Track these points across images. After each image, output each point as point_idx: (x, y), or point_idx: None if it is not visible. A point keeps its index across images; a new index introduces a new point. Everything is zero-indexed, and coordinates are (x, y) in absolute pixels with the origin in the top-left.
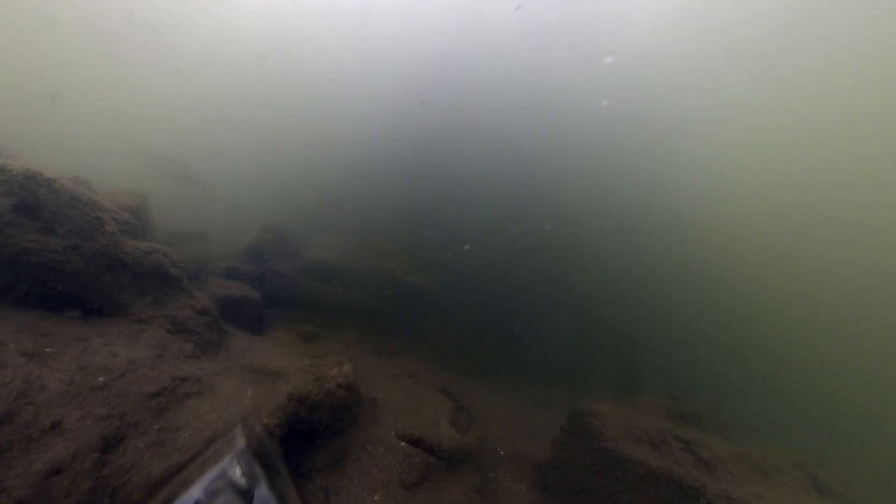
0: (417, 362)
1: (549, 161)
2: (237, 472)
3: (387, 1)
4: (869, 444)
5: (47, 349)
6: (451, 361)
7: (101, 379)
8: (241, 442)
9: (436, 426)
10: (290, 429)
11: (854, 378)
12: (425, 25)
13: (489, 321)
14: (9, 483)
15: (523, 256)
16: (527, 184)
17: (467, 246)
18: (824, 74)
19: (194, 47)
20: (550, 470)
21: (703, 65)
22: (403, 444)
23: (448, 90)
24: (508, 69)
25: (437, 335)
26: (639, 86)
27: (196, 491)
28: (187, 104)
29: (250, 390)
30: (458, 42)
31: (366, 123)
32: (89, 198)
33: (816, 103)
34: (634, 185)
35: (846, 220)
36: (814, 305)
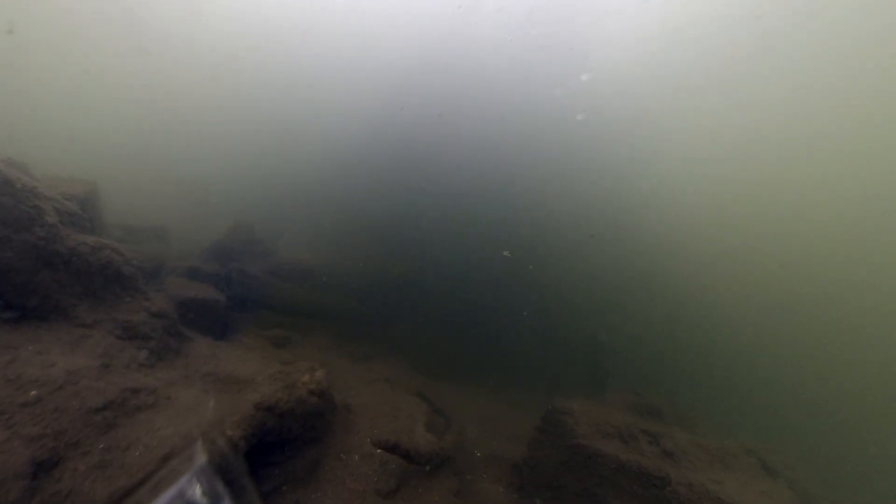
0: (393, 366)
1: (525, 169)
2: (197, 492)
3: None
4: (808, 429)
5: None
6: (427, 365)
7: (33, 393)
8: (201, 458)
9: (412, 431)
10: (258, 440)
11: (795, 372)
12: (414, 28)
13: (465, 324)
14: None
15: (498, 260)
16: (504, 190)
17: (507, 252)
18: (783, 100)
19: (164, 27)
20: (527, 469)
21: (671, 87)
22: (379, 451)
23: (431, 94)
24: (491, 78)
25: (412, 339)
26: (611, 103)
27: None
28: (148, 87)
29: (213, 400)
30: (444, 48)
31: (346, 122)
32: (26, 184)
33: (776, 125)
34: (605, 194)
35: (796, 229)
36: (760, 307)
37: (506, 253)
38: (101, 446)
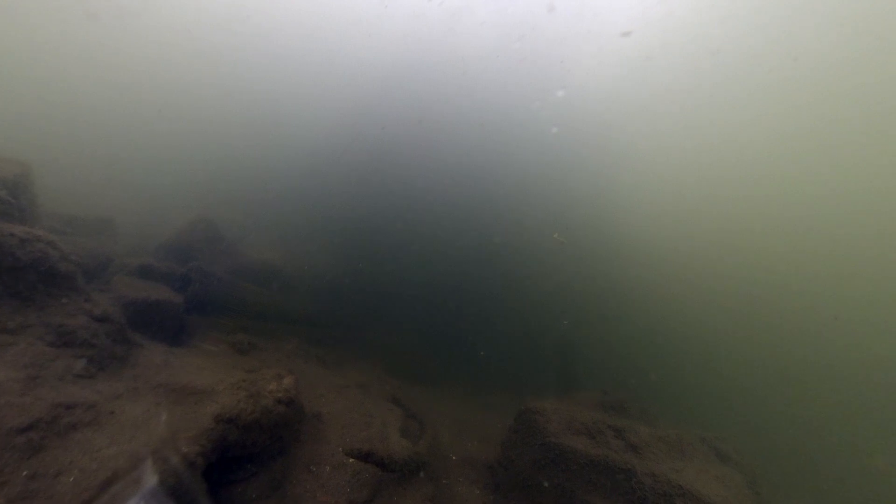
0: (366, 371)
1: (501, 178)
2: None
3: (368, 4)
4: (756, 418)
5: None
6: (400, 369)
7: None
8: (151, 480)
9: (386, 438)
10: (219, 456)
11: (744, 367)
12: (397, 30)
13: (438, 327)
14: None
15: (474, 265)
16: (480, 196)
17: (557, 234)
18: (737, 122)
19: None
20: (501, 469)
21: (639, 107)
22: (352, 460)
23: (412, 98)
24: (473, 88)
25: (386, 342)
26: (584, 118)
27: None
28: (99, 59)
29: (165, 414)
30: (428, 53)
31: (324, 119)
32: None
33: (729, 143)
34: (575, 204)
35: (753, 238)
36: (717, 310)
37: (556, 235)
38: (25, 474)
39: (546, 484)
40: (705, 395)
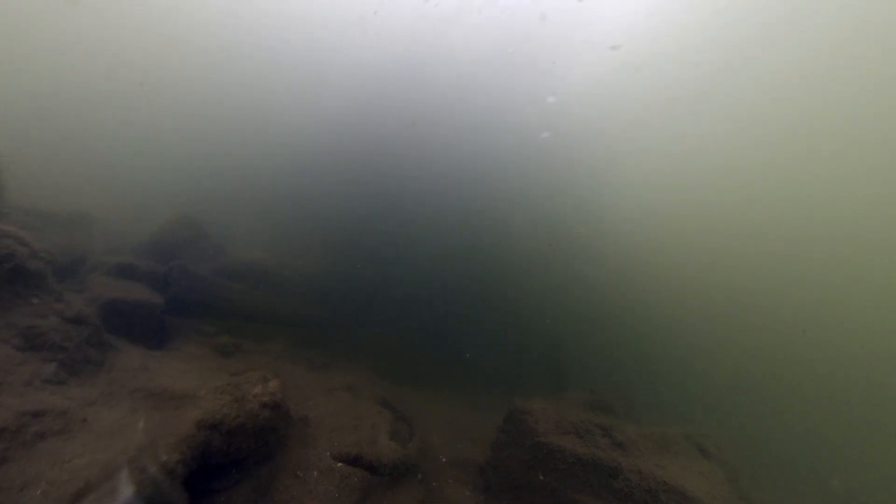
0: (354, 373)
1: (492, 181)
2: None
3: (361, 8)
4: (737, 415)
5: None
6: (389, 370)
7: None
8: (127, 490)
9: (375, 441)
10: (201, 463)
11: (726, 367)
12: (391, 31)
13: (427, 329)
14: None
15: (463, 267)
16: (470, 197)
17: (585, 228)
18: (716, 131)
19: None
20: (491, 470)
21: (627, 115)
22: (340, 464)
23: (405, 99)
24: (467, 91)
25: (374, 343)
26: (574, 124)
27: None
28: (80, 46)
29: (143, 420)
30: (421, 53)
31: (316, 119)
32: None
33: (709, 149)
34: (565, 207)
35: (737, 242)
36: (702, 311)
37: (582, 229)
38: None
39: (541, 478)
40: (689, 394)
